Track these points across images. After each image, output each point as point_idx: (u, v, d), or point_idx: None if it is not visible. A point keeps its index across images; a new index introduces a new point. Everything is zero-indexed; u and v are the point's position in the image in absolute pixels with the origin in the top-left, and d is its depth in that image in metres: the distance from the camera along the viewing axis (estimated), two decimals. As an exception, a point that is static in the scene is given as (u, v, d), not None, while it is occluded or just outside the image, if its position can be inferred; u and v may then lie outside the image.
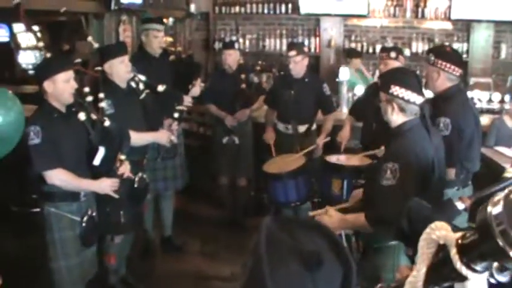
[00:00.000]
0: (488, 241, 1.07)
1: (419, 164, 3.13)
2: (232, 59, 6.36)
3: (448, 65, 4.12)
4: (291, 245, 1.20)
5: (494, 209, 1.07)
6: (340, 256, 1.22)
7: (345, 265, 1.21)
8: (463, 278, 1.15)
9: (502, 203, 1.08)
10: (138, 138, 4.70)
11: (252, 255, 1.21)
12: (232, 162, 6.48)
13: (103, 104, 4.41)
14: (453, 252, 1.14)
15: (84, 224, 4.00)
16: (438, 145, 3.33)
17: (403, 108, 3.20)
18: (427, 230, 1.20)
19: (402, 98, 3.18)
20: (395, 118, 3.25)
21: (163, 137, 5.04)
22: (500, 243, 1.04)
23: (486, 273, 1.14)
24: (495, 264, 1.56)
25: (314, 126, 6.05)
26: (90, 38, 4.92)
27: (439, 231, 1.19)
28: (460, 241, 1.15)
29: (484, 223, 1.07)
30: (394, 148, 3.24)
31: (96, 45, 4.83)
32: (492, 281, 1.55)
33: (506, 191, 1.09)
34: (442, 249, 1.20)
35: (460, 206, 2.49)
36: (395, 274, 3.13)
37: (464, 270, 1.12)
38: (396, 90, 3.19)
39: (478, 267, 1.12)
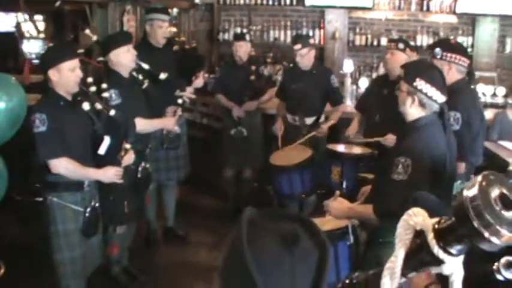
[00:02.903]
0: (465, 224, 1.11)
1: (432, 160, 3.10)
2: (243, 50, 6.36)
3: (458, 57, 4.11)
4: (269, 226, 1.30)
5: (470, 192, 1.11)
6: (316, 239, 1.30)
7: (321, 248, 1.29)
8: (439, 262, 1.19)
9: (477, 186, 1.12)
10: (146, 124, 4.77)
11: (233, 236, 1.30)
12: (240, 154, 6.47)
13: (106, 94, 4.43)
14: (430, 237, 1.19)
15: (87, 215, 4.00)
16: (452, 142, 3.31)
17: (423, 103, 3.16)
18: (405, 217, 1.26)
19: (425, 94, 3.13)
20: (413, 112, 3.20)
21: (170, 122, 5.10)
22: (476, 225, 1.08)
23: (461, 257, 1.17)
24: (502, 261, 1.57)
25: (322, 118, 6.04)
26: (88, 31, 4.90)
27: (416, 217, 1.23)
28: (436, 226, 1.20)
29: (461, 206, 1.12)
30: (407, 143, 3.20)
31: (94, 37, 4.81)
32: (500, 278, 1.56)
33: (480, 175, 1.12)
34: (419, 235, 1.24)
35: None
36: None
37: (441, 254, 1.18)
38: (421, 84, 3.13)
39: (454, 251, 1.17)
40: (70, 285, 4.08)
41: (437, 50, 4.17)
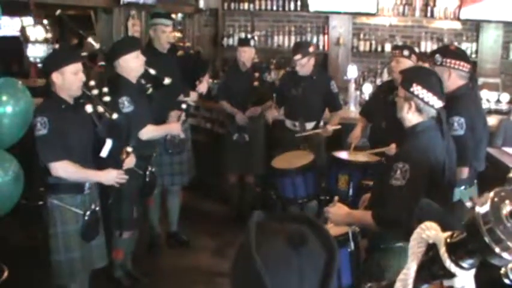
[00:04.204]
0: (476, 239, 1.15)
1: (430, 166, 3.10)
2: (247, 56, 6.36)
3: (458, 62, 4.09)
4: (277, 228, 1.32)
5: (482, 208, 1.16)
6: (324, 241, 1.31)
7: (329, 250, 1.30)
8: (451, 275, 1.23)
9: (489, 203, 1.15)
10: (155, 131, 4.80)
11: (242, 238, 1.32)
12: (242, 159, 6.48)
13: (107, 98, 4.43)
14: (442, 250, 1.23)
15: (86, 218, 4.01)
16: (451, 148, 3.31)
17: (420, 109, 3.16)
18: (418, 230, 1.30)
19: (422, 99, 3.13)
20: (410, 117, 3.20)
21: (175, 128, 5.12)
22: (487, 240, 1.12)
23: (473, 270, 1.21)
24: (510, 266, 1.59)
25: (321, 124, 6.04)
26: (90, 39, 4.92)
27: (429, 231, 1.26)
28: (448, 240, 1.24)
29: (472, 222, 1.16)
30: (406, 148, 3.21)
31: (97, 45, 4.83)
32: (507, 281, 1.57)
33: (492, 192, 1.16)
34: (431, 248, 1.28)
35: (470, 206, 2.49)
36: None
37: (452, 268, 1.22)
38: (418, 89, 3.13)
39: (465, 264, 1.21)
40: (68, 286, 4.10)
41: (437, 56, 4.16)
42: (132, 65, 4.66)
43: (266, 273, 1.22)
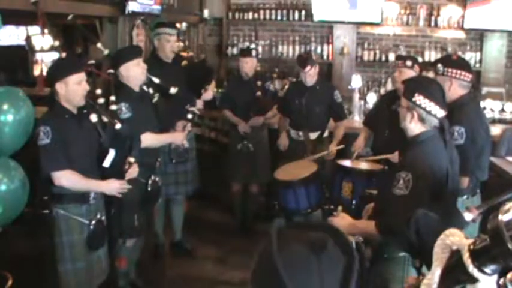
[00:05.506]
0: (499, 245, 1.19)
1: (433, 175, 3.09)
2: (248, 66, 6.39)
3: (459, 72, 4.10)
4: (298, 234, 1.35)
5: (505, 216, 1.20)
6: (343, 246, 1.34)
7: (348, 255, 1.33)
8: (474, 280, 1.28)
9: None
10: (155, 139, 4.80)
11: (263, 245, 1.34)
12: (246, 169, 6.49)
13: (114, 107, 4.44)
14: (466, 256, 1.28)
15: (92, 227, 4.02)
16: (454, 157, 3.31)
17: (423, 118, 3.16)
18: (442, 236, 1.35)
19: (424, 109, 3.14)
20: (413, 127, 3.21)
21: (179, 137, 5.12)
22: (510, 247, 1.17)
23: (495, 276, 1.26)
24: (509, 276, 1.63)
25: (326, 133, 6.07)
26: (99, 45, 4.94)
27: (453, 237, 1.32)
28: (472, 246, 1.29)
29: (496, 230, 1.21)
30: (409, 158, 3.21)
31: (106, 51, 4.84)
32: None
33: None
34: (455, 254, 1.33)
35: (468, 216, 2.49)
36: (404, 285, 3.12)
37: (476, 273, 1.27)
38: (420, 99, 3.14)
39: (488, 270, 1.26)
40: None
41: (439, 66, 4.18)
42: (132, 72, 4.67)
43: (287, 277, 1.24)
